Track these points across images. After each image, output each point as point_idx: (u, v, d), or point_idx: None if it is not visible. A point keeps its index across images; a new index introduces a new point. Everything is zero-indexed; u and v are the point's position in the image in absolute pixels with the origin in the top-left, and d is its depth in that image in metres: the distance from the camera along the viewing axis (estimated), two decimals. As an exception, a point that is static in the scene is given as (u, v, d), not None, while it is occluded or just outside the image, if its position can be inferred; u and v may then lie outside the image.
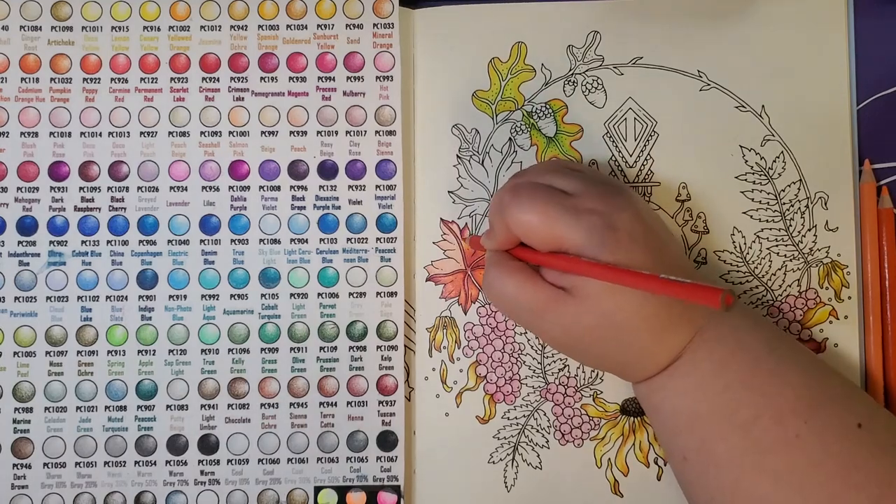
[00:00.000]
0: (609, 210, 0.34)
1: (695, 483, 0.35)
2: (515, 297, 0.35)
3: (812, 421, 0.32)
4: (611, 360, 0.36)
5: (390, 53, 0.42)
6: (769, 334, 0.35)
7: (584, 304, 0.34)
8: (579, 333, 0.35)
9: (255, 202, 0.41)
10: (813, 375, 0.34)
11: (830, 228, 0.41)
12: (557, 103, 0.42)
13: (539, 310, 0.35)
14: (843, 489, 0.31)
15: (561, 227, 0.34)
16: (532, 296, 0.35)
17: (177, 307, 0.41)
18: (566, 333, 0.35)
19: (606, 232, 0.33)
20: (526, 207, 0.34)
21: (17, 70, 0.41)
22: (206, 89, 0.42)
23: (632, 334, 0.34)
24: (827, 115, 0.41)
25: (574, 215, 0.34)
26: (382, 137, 0.41)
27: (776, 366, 0.34)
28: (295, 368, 0.41)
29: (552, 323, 0.35)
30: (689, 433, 0.34)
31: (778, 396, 0.33)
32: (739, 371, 0.34)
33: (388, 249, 0.41)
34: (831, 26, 0.41)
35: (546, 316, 0.35)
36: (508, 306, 0.36)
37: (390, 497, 0.40)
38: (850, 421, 0.33)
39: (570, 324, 0.34)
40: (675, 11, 0.42)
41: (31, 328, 0.40)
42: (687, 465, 0.35)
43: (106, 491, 0.40)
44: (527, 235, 0.35)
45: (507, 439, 0.41)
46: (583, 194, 0.35)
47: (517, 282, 0.35)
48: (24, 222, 0.41)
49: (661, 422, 0.36)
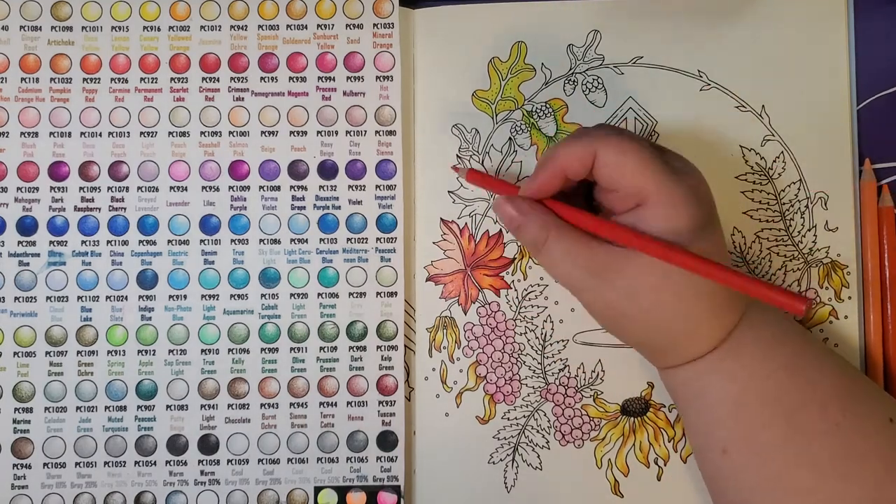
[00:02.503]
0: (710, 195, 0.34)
1: (731, 478, 0.34)
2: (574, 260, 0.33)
3: (849, 412, 0.32)
4: (659, 333, 0.34)
5: (390, 53, 0.42)
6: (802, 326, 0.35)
7: (647, 263, 0.32)
8: (638, 296, 0.33)
9: (255, 202, 0.41)
10: (846, 368, 0.34)
11: (830, 228, 0.41)
12: (557, 103, 0.42)
13: (597, 269, 0.33)
14: (887, 481, 0.31)
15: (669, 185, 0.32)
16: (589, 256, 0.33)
17: (177, 307, 0.41)
18: (624, 296, 0.33)
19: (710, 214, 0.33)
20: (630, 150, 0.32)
21: (17, 70, 0.41)
22: (206, 89, 0.42)
23: (689, 302, 0.33)
24: (827, 115, 0.41)
25: (683, 185, 0.32)
26: (382, 137, 0.41)
27: (818, 352, 0.34)
28: (295, 368, 0.41)
29: (611, 283, 0.33)
30: (732, 421, 0.33)
31: (819, 384, 0.33)
32: (785, 355, 0.33)
33: (388, 249, 0.41)
34: (831, 26, 0.41)
35: (606, 275, 0.33)
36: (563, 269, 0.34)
37: (390, 497, 0.40)
38: (882, 415, 0.33)
39: (629, 284, 0.33)
40: (675, 11, 0.42)
41: (31, 328, 0.40)
42: (726, 458, 0.34)
43: (106, 491, 0.40)
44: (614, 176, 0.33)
45: (507, 440, 0.41)
46: (686, 172, 0.33)
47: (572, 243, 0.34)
48: (24, 222, 0.41)
49: (702, 410, 0.35)
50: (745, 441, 0.33)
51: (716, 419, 0.34)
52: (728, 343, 0.34)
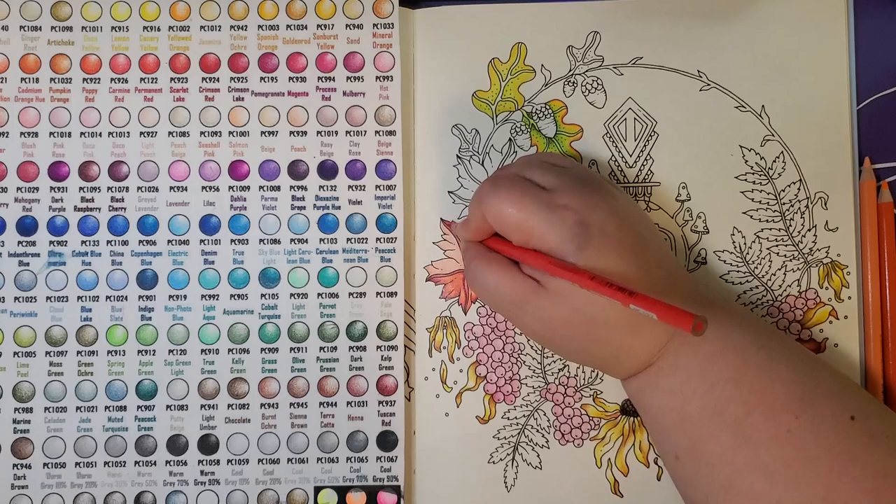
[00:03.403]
0: (583, 206, 0.34)
1: (689, 482, 0.35)
2: (496, 289, 0.36)
3: (803, 416, 0.32)
4: (590, 355, 0.36)
5: (390, 53, 0.42)
6: (758, 331, 0.35)
7: (556, 297, 0.34)
8: (555, 326, 0.35)
9: (255, 202, 0.41)
10: (803, 371, 0.34)
11: (830, 228, 0.41)
12: (557, 104, 0.42)
13: (518, 301, 0.35)
14: (838, 482, 0.31)
15: (534, 220, 0.34)
16: (510, 287, 0.35)
17: (177, 307, 0.41)
18: (544, 326, 0.35)
19: (577, 228, 0.33)
20: (502, 197, 0.35)
21: (17, 70, 0.41)
22: (206, 89, 0.42)
23: (606, 329, 0.34)
24: (827, 115, 0.41)
25: (548, 210, 0.34)
26: (382, 137, 0.41)
27: (765, 362, 0.34)
28: (295, 368, 0.41)
29: (531, 315, 0.35)
30: (679, 432, 0.34)
31: (767, 392, 0.33)
32: (726, 368, 0.33)
33: (388, 249, 0.41)
34: (831, 26, 0.41)
35: (525, 308, 0.35)
36: (490, 298, 0.37)
37: (390, 497, 0.40)
38: (842, 414, 0.32)
39: (547, 317, 0.35)
40: (675, 11, 0.42)
41: (31, 328, 0.40)
42: (679, 464, 0.35)
43: (106, 491, 0.40)
44: (501, 226, 0.36)
45: (507, 439, 0.41)
46: (559, 189, 0.35)
47: (497, 274, 0.36)
48: (24, 222, 0.41)
49: (651, 421, 0.36)
50: (694, 451, 0.34)
51: (663, 428, 0.35)
52: (663, 360, 0.34)
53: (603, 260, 0.33)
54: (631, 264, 0.34)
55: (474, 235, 0.38)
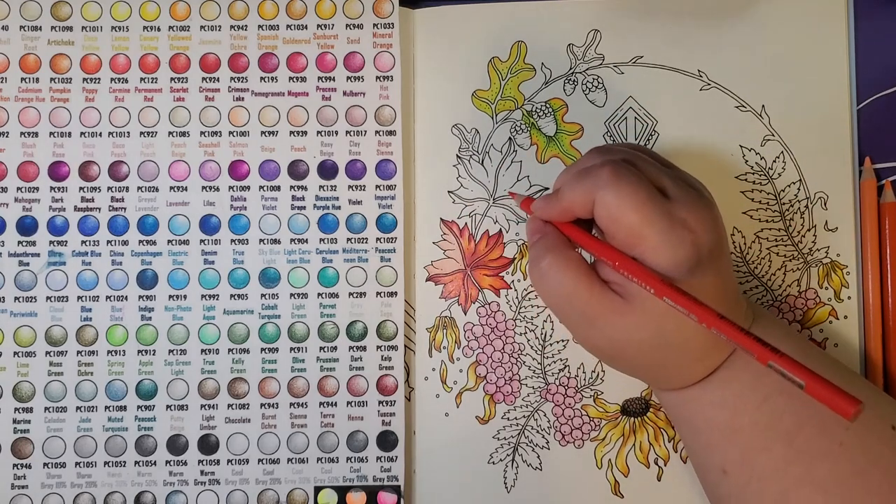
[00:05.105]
0: (699, 225, 0.31)
1: (735, 497, 0.33)
2: (568, 297, 0.32)
3: (853, 427, 0.31)
4: (644, 372, 0.35)
5: (390, 53, 0.42)
6: (800, 343, 0.35)
7: (642, 317, 0.31)
8: (626, 346, 0.32)
9: (255, 202, 0.41)
10: (849, 380, 0.34)
11: (830, 228, 0.41)
12: (557, 102, 0.42)
13: (592, 316, 0.32)
14: (890, 494, 0.31)
15: (650, 230, 0.31)
16: (587, 300, 0.32)
17: (177, 307, 0.41)
18: (612, 344, 0.33)
19: (692, 251, 0.31)
20: (628, 195, 0.31)
21: (17, 70, 0.41)
22: (206, 89, 0.42)
23: (677, 353, 0.32)
24: (827, 115, 0.41)
25: (669, 224, 0.31)
26: (382, 137, 0.41)
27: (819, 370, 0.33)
28: (295, 368, 0.41)
29: (601, 332, 0.32)
30: (727, 445, 0.33)
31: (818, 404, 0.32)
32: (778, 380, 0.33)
33: (388, 249, 0.41)
34: (831, 26, 0.41)
35: (597, 323, 0.32)
36: (557, 303, 0.33)
37: (390, 497, 0.40)
38: (884, 425, 0.32)
39: (621, 337, 0.32)
40: (675, 11, 0.42)
41: (31, 328, 0.40)
42: (727, 478, 0.33)
43: (106, 491, 0.40)
44: (609, 222, 0.32)
45: (506, 440, 0.41)
46: (678, 200, 0.32)
47: (574, 280, 0.32)
48: (24, 222, 0.41)
49: (692, 433, 0.35)
50: (744, 464, 0.33)
51: (710, 442, 0.34)
52: (717, 374, 0.33)
53: (700, 282, 0.31)
54: (719, 288, 0.32)
55: (560, 216, 0.34)
